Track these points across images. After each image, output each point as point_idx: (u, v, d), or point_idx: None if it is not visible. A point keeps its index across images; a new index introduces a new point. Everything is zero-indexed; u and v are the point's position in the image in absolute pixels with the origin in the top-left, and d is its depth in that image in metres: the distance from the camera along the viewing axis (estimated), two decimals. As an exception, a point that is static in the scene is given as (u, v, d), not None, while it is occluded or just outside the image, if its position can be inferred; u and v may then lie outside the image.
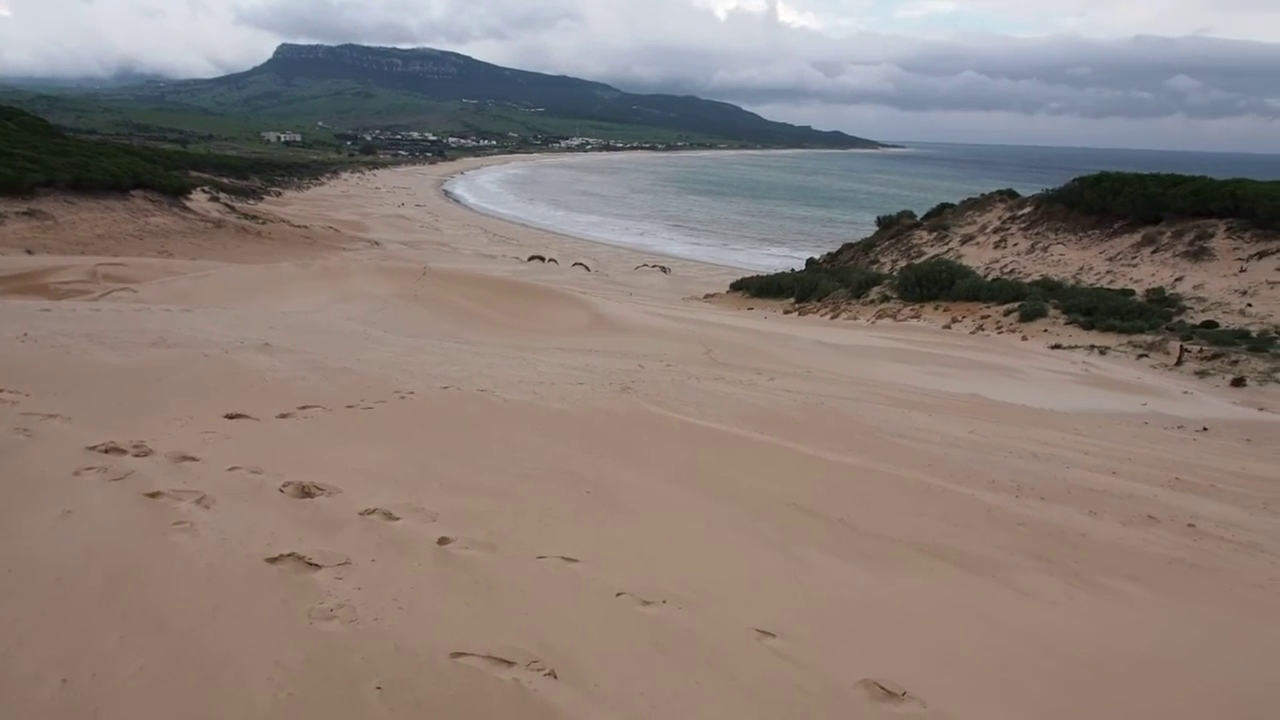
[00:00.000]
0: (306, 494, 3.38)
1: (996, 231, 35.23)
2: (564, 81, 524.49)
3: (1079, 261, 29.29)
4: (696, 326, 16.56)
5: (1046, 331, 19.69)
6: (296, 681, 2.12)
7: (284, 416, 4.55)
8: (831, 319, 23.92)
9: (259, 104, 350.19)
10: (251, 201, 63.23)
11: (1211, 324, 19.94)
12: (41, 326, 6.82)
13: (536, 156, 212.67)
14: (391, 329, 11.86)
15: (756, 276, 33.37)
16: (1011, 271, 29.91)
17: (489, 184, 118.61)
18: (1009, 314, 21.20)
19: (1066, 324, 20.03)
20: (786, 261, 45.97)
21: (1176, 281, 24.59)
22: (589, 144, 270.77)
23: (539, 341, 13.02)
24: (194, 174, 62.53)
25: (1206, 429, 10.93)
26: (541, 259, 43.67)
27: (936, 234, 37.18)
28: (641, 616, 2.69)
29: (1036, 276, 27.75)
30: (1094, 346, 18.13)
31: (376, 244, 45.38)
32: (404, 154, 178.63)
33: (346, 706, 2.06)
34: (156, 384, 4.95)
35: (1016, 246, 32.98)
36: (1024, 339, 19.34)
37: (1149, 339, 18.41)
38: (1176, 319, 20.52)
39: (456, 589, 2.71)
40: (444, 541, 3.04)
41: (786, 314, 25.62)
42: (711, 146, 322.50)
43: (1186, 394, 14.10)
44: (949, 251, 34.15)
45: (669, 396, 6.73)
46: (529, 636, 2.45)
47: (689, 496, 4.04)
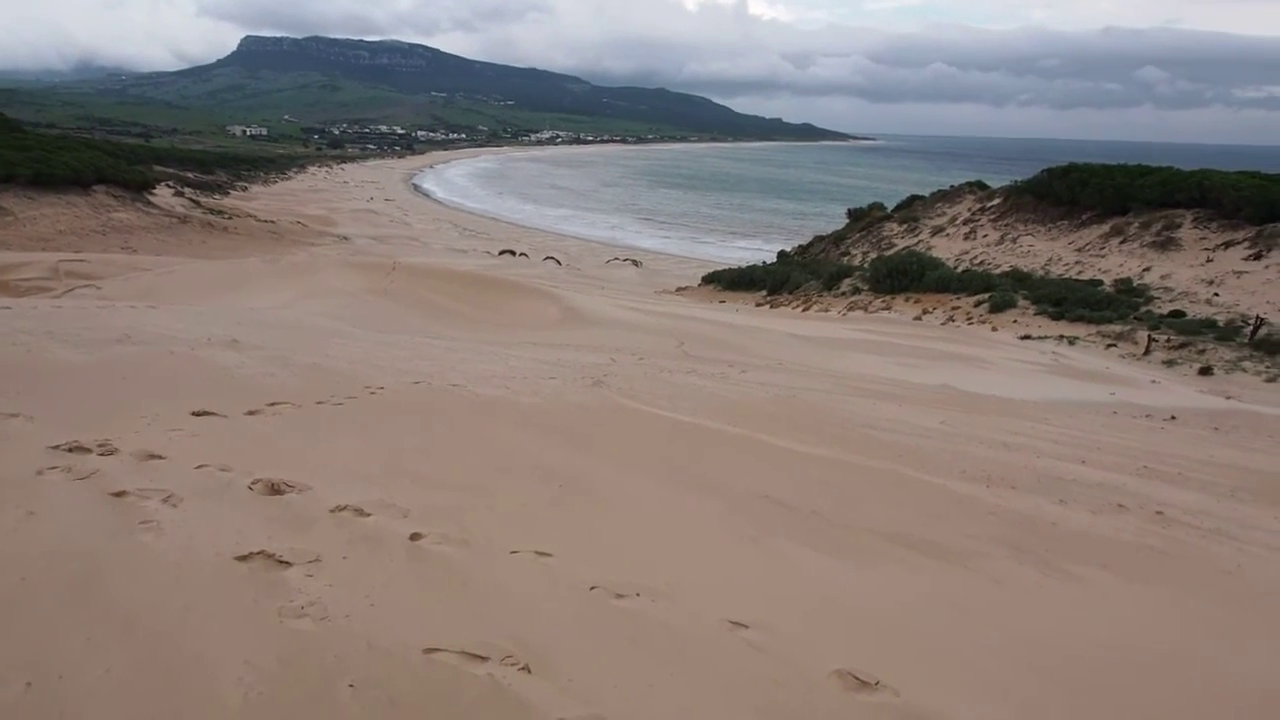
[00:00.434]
0: (276, 491, 3.34)
1: (966, 223, 35.52)
2: (534, 74, 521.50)
3: (1048, 252, 29.59)
4: (669, 320, 16.57)
5: (1016, 322, 19.88)
6: (267, 681, 2.10)
7: (252, 413, 4.50)
8: (803, 311, 24.03)
9: (223, 97, 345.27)
10: (217, 196, 62.50)
11: (1179, 313, 20.21)
12: (2, 324, 6.70)
13: (506, 150, 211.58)
14: (361, 324, 11.77)
15: (728, 269, 33.40)
16: (981, 263, 30.17)
17: (458, 178, 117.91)
18: (979, 305, 21.39)
19: (1036, 315, 20.24)
20: (758, 254, 46.05)
21: (1144, 272, 24.89)
22: (559, 137, 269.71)
23: (511, 336, 12.98)
24: (158, 169, 61.73)
25: (1174, 417, 11.09)
26: (512, 253, 43.51)
27: (907, 226, 37.41)
28: (615, 610, 2.68)
29: (1006, 268, 28.00)
30: (1063, 337, 18.34)
31: (345, 239, 44.99)
32: (372, 148, 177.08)
33: (318, 705, 2.04)
34: (121, 382, 4.88)
35: (986, 238, 33.27)
36: (994, 330, 19.52)
37: (1117, 329, 18.64)
38: (1144, 309, 20.79)
39: (429, 585, 2.69)
40: (416, 537, 3.02)
41: (758, 307, 25.70)
42: (682, 139, 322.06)
43: (1154, 383, 14.30)
44: (919, 243, 34.38)
45: (641, 390, 6.73)
46: (503, 631, 2.44)
47: (662, 489, 4.04)
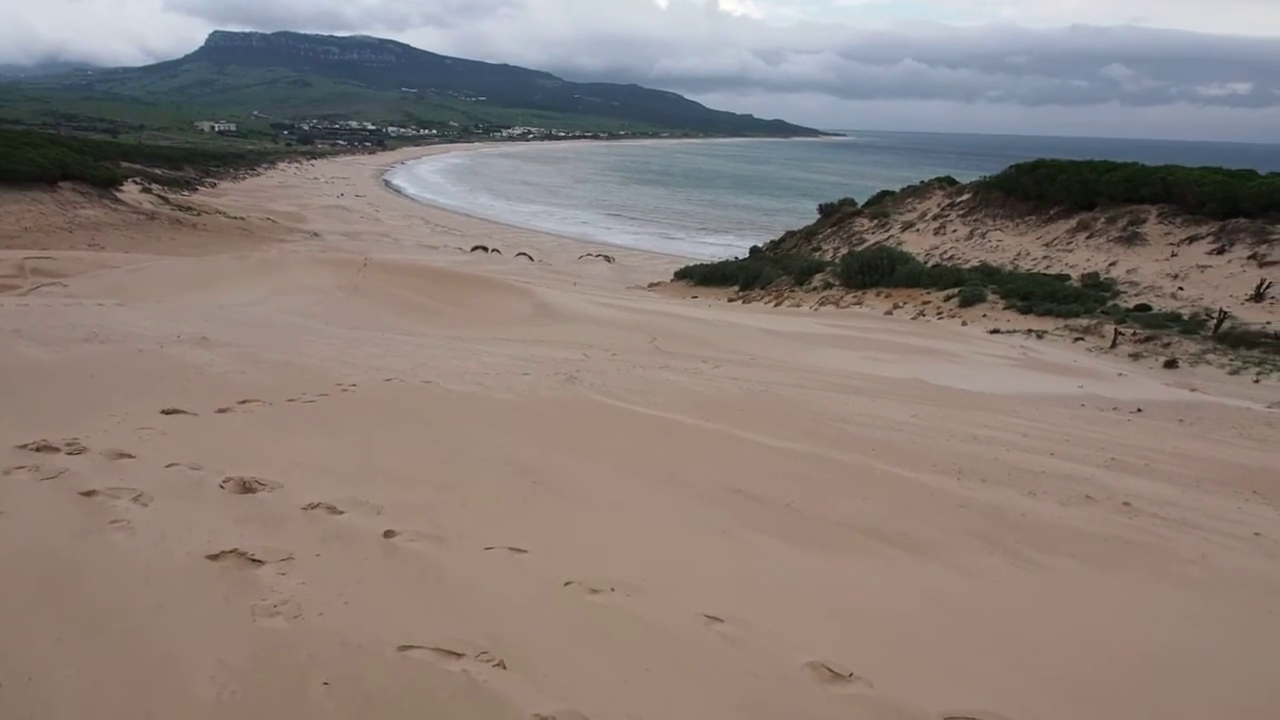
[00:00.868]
0: (248, 489, 3.32)
1: (936, 218, 35.79)
2: (505, 70, 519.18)
3: (1016, 247, 29.88)
4: (641, 315, 16.58)
5: (985, 316, 20.07)
6: (240, 679, 2.09)
7: (223, 411, 4.46)
8: (775, 306, 24.11)
9: (191, 93, 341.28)
10: (186, 193, 61.67)
11: (1144, 307, 20.50)
12: (-34, 323, 6.59)
13: (478, 146, 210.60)
14: (332, 321, 11.69)
15: (701, 265, 33.47)
16: (951, 258, 30.41)
17: (430, 174, 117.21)
18: (949, 299, 21.57)
19: (1005, 309, 20.44)
20: (730, 250, 46.14)
21: (1110, 266, 25.21)
22: (531, 133, 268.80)
23: (483, 332, 12.94)
24: (125, 165, 60.71)
25: (1141, 410, 11.24)
26: (485, 249, 43.34)
27: (878, 221, 37.65)
28: (590, 605, 2.69)
29: (975, 262, 28.24)
30: (1032, 331, 18.54)
31: (316, 235, 44.63)
32: (343, 144, 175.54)
33: (292, 703, 2.03)
34: (89, 380, 4.82)
35: (956, 233, 33.54)
36: (964, 324, 19.69)
37: (1084, 323, 18.87)
38: (1111, 303, 21.06)
39: (403, 582, 2.69)
40: (390, 534, 3.01)
41: (731, 302, 25.76)
42: (654, 135, 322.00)
43: (1121, 376, 14.49)
44: (890, 238, 34.61)
45: (614, 385, 6.74)
46: (477, 628, 2.44)
47: (636, 485, 4.05)
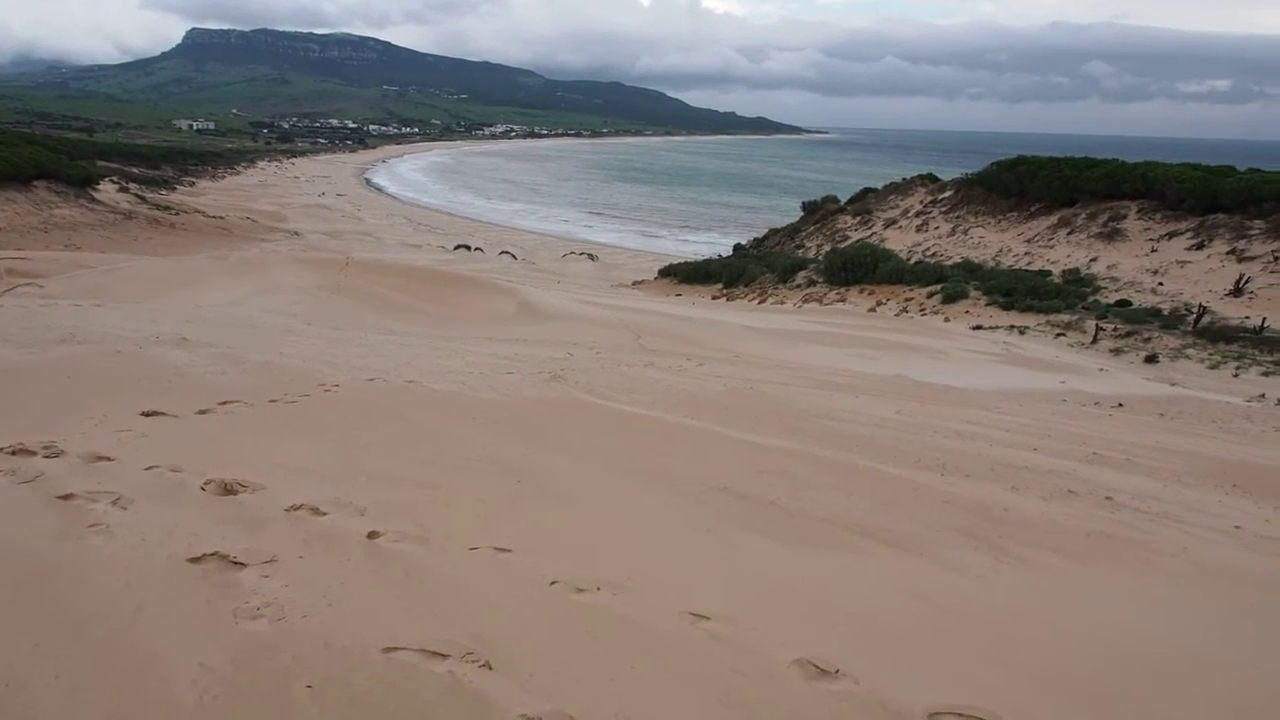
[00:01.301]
0: (229, 491, 3.29)
1: (918, 215, 35.94)
2: (487, 67, 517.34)
3: (998, 243, 30.05)
4: (625, 313, 16.57)
5: (968, 313, 20.17)
6: (223, 683, 2.07)
7: (204, 413, 4.42)
8: (759, 304, 24.15)
9: (169, 90, 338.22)
10: (164, 192, 61.15)
11: (1125, 303, 20.66)
12: (-59, 324, 6.51)
13: (460, 144, 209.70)
14: (314, 321, 11.62)
15: (685, 263, 33.49)
16: (933, 254, 30.55)
17: (412, 172, 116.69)
18: (932, 296, 21.67)
19: (987, 305, 20.55)
20: (714, 247, 46.21)
21: (1091, 262, 25.39)
22: (513, 131, 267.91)
23: (467, 331, 12.90)
24: (101, 164, 60.16)
25: (1122, 405, 11.32)
26: (467, 248, 43.20)
27: (860, 218, 37.77)
28: (576, 604, 2.68)
29: (957, 259, 28.39)
30: (1014, 326, 18.65)
31: (296, 234, 44.37)
32: (323, 142, 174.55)
33: (275, 707, 2.01)
34: (66, 382, 4.77)
35: (938, 229, 33.69)
36: (946, 320, 19.79)
37: (1066, 318, 19.00)
38: (1092, 298, 21.21)
39: (387, 583, 2.67)
40: (373, 535, 2.99)
41: (715, 299, 25.79)
42: (637, 133, 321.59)
43: (1102, 371, 14.59)
44: (872, 235, 34.73)
45: (599, 384, 6.73)
46: (463, 628, 2.43)
47: (621, 483, 4.04)
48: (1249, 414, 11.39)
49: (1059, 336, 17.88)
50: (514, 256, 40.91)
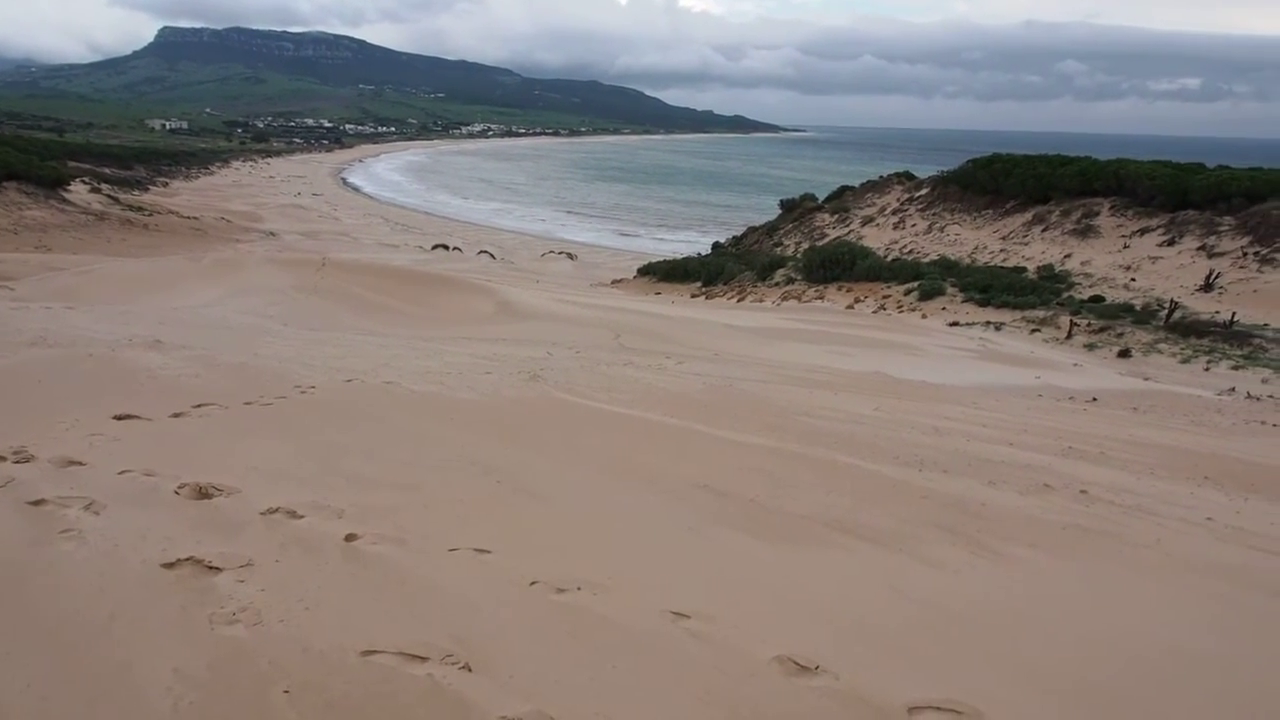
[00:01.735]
0: (204, 495, 3.25)
1: (895, 213, 36.15)
2: (464, 66, 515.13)
3: (974, 241, 30.26)
4: (605, 312, 16.56)
5: (945, 309, 20.30)
6: (198, 689, 2.04)
7: (178, 416, 4.38)
8: (738, 302, 24.20)
9: (141, 90, 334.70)
10: (136, 192, 60.51)
11: (1098, 298, 20.86)
12: (-92, 328, 6.41)
13: (437, 143, 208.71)
14: (290, 322, 11.54)
15: (664, 261, 33.55)
16: (910, 251, 30.73)
17: (389, 172, 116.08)
18: (909, 293, 21.79)
19: (964, 302, 20.69)
20: (693, 246, 46.32)
21: (1065, 258, 25.62)
22: (491, 130, 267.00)
23: (445, 331, 12.84)
24: (72, 164, 59.36)
25: (1096, 399, 11.43)
26: (445, 247, 43.04)
27: (838, 216, 37.95)
28: (556, 604, 2.67)
29: (934, 256, 28.57)
30: (990, 323, 18.78)
31: (272, 235, 44.06)
32: (299, 141, 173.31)
33: (252, 712, 1.99)
34: (37, 386, 4.70)
35: (915, 227, 33.89)
36: (924, 317, 19.90)
37: (1041, 314, 19.16)
38: (1066, 294, 21.40)
39: (365, 586, 2.65)
40: (351, 538, 2.97)
41: (694, 298, 25.82)
42: (615, 132, 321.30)
43: (1077, 366, 14.72)
44: (850, 233, 34.89)
45: (578, 383, 6.71)
46: (442, 630, 2.41)
47: (601, 482, 4.04)
48: (1220, 407, 11.53)
49: (1034, 332, 18.03)
50: (492, 256, 40.80)
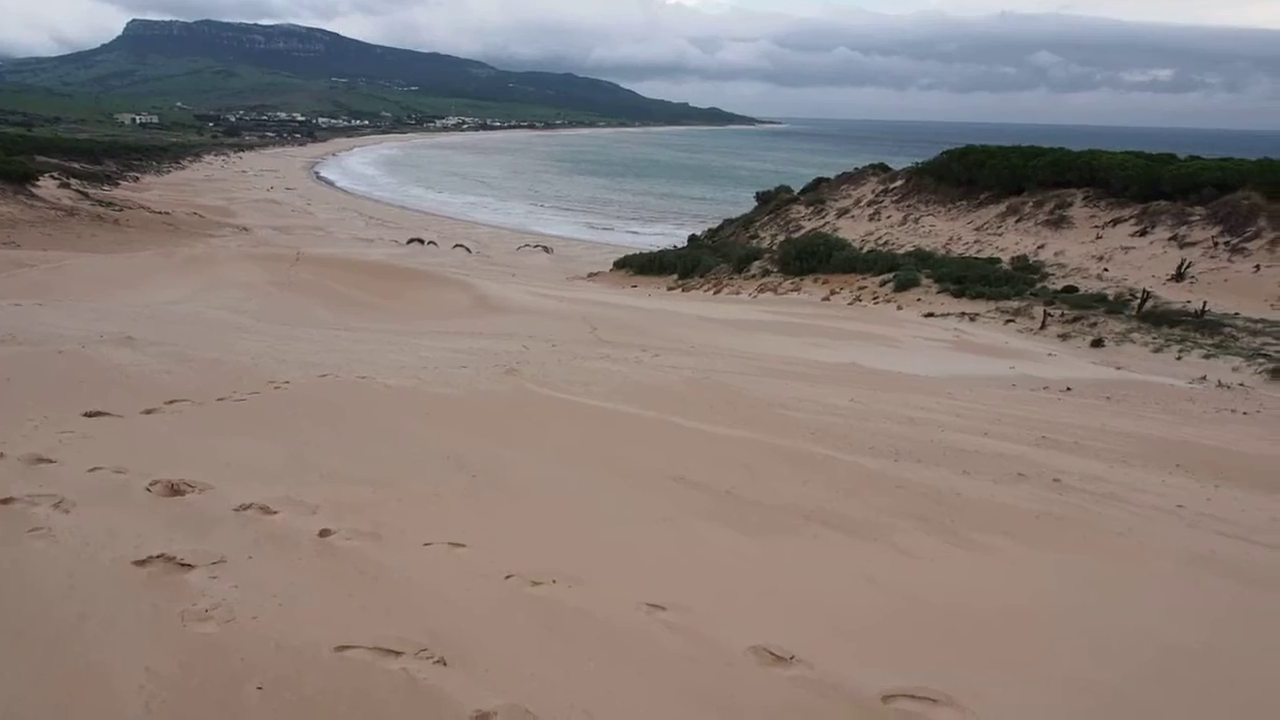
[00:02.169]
0: (176, 492, 3.22)
1: (870, 204, 36.29)
2: (438, 59, 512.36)
3: (949, 232, 30.45)
4: (581, 306, 16.53)
5: (920, 300, 20.42)
6: (170, 688, 2.03)
7: (149, 412, 4.33)
8: (714, 294, 24.24)
9: (110, 84, 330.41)
10: (107, 188, 59.78)
11: (1072, 289, 21.06)
12: (-128, 326, 6.30)
13: (411, 137, 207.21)
14: (264, 318, 11.44)
15: (640, 254, 33.49)
16: (886, 243, 30.88)
17: (363, 165, 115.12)
18: (884, 284, 21.90)
19: (938, 293, 20.82)
20: (669, 239, 46.30)
21: (1039, 249, 25.84)
22: (466, 123, 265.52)
23: (421, 325, 12.78)
24: (41, 159, 58.58)
25: (1070, 389, 11.54)
26: (421, 241, 42.79)
27: (814, 208, 38.05)
28: (531, 597, 2.67)
29: (909, 247, 28.72)
30: (964, 313, 18.91)
31: (245, 230, 43.63)
32: (271, 135, 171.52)
33: (225, 710, 1.98)
34: (5, 384, 4.64)
35: (890, 218, 34.06)
36: (899, 308, 20.01)
37: (1015, 305, 19.31)
38: (1040, 285, 21.59)
39: (340, 581, 2.63)
40: (325, 534, 2.95)
41: (670, 290, 25.83)
42: (591, 125, 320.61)
43: (1051, 356, 14.86)
44: (826, 225, 35.01)
45: (555, 376, 6.70)
46: (417, 625, 2.41)
47: (577, 475, 4.04)
48: (1191, 396, 11.68)
49: (1008, 323, 18.17)
50: (468, 250, 40.61)
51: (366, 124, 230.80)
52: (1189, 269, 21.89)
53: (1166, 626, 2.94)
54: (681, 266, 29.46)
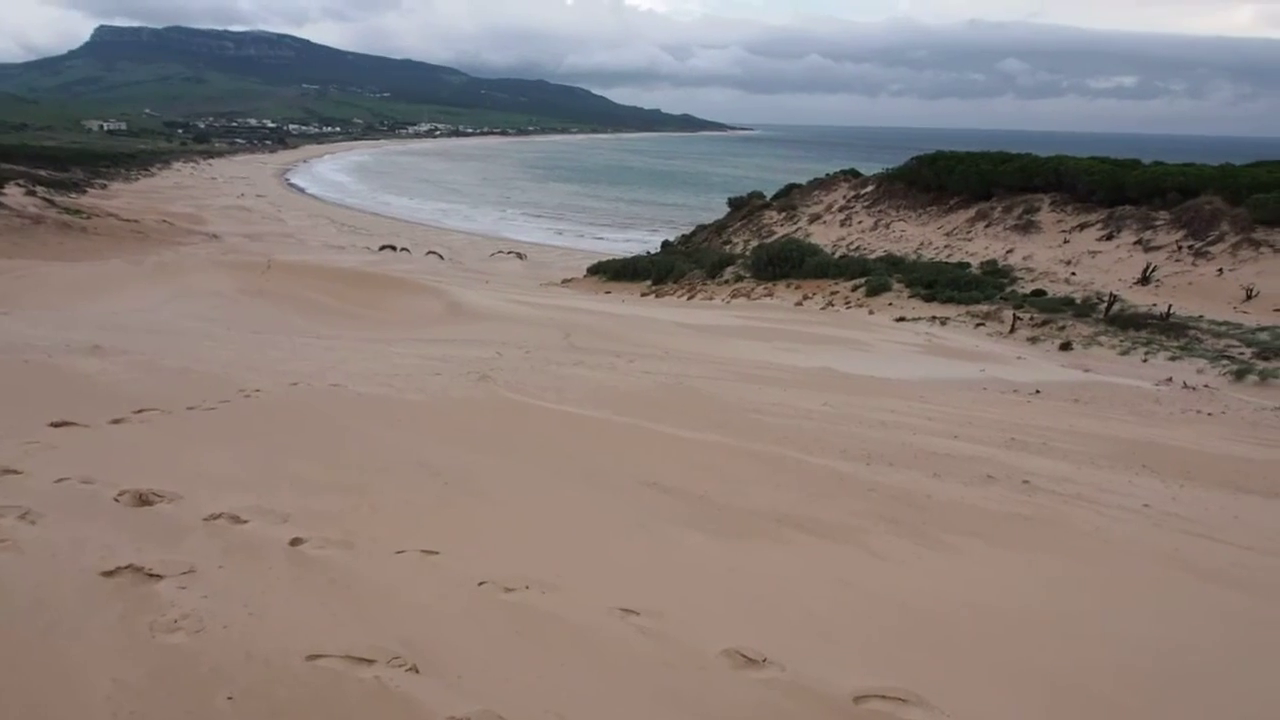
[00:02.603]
0: (145, 502, 3.19)
1: (842, 210, 36.54)
2: (409, 66, 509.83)
3: (919, 237, 30.71)
4: (555, 312, 16.51)
5: (891, 305, 20.56)
6: (139, 699, 2.01)
7: (117, 422, 4.28)
8: (688, 300, 24.28)
9: (77, 90, 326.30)
10: (74, 195, 58.91)
11: (1040, 292, 21.30)
12: None
13: (383, 143, 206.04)
14: (235, 326, 11.34)
15: (613, 260, 33.51)
16: (857, 248, 31.09)
17: (335, 172, 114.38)
18: (856, 289, 22.04)
19: (910, 297, 20.97)
20: (643, 245, 46.39)
21: (1008, 253, 26.12)
22: (438, 130, 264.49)
23: (394, 333, 12.72)
24: (6, 166, 57.66)
25: (1039, 391, 11.66)
26: (393, 248, 42.56)
27: (786, 214, 38.26)
28: (504, 604, 2.67)
29: (881, 252, 28.94)
30: (935, 317, 19.06)
31: (215, 237, 43.18)
32: (241, 142, 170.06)
33: (195, 720, 1.96)
34: (-30, 394, 4.58)
35: (861, 224, 34.30)
36: (871, 313, 20.14)
37: (985, 309, 19.49)
38: (1009, 289, 21.82)
39: (311, 590, 2.62)
40: (296, 542, 2.93)
41: (644, 296, 25.85)
42: (563, 131, 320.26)
43: (1020, 359, 15.01)
44: (798, 230, 35.21)
45: (528, 383, 6.70)
46: (389, 633, 2.40)
47: (550, 481, 4.04)
48: (1158, 397, 11.85)
49: (978, 326, 18.34)
50: (441, 256, 40.44)
51: (338, 131, 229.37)
52: (1154, 272, 22.22)
53: (1133, 624, 2.98)
54: (655, 272, 29.51)
